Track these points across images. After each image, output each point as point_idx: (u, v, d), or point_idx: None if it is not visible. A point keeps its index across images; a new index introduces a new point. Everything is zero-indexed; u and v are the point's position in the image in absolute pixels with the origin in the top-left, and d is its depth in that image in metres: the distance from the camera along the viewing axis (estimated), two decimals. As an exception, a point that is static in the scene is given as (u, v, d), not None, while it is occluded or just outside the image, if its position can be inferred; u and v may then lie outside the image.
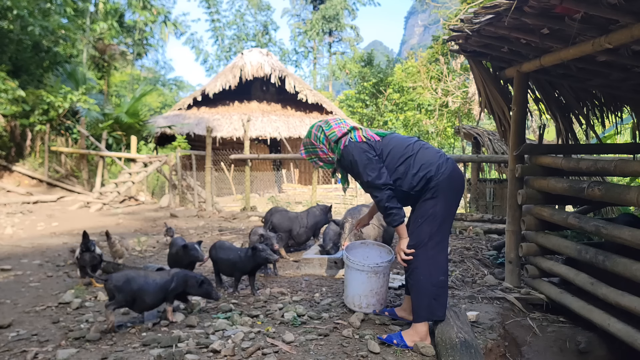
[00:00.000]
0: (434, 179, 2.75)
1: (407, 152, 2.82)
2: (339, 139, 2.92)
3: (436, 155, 2.82)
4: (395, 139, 2.91)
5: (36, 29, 12.80)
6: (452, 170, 2.79)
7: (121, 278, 2.97)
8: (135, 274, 3.05)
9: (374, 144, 2.86)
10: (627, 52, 3.15)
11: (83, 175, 13.30)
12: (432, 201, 2.77)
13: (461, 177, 2.88)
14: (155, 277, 3.09)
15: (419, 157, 2.81)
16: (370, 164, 2.78)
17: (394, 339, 2.76)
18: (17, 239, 6.46)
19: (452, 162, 2.83)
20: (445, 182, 2.75)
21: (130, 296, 2.94)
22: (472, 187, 9.95)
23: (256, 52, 19.30)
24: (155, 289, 3.02)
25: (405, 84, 23.87)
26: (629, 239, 2.70)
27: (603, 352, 3.15)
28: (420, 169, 2.77)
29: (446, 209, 2.79)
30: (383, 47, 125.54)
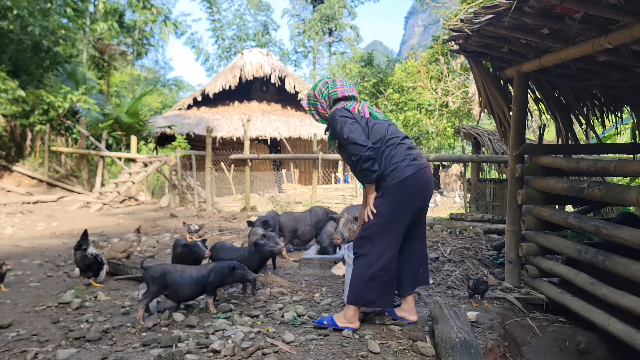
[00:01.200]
0: (385, 179, 2.88)
1: (382, 145, 2.93)
2: (339, 99, 3.08)
3: (402, 157, 2.90)
4: (382, 127, 2.99)
5: (36, 29, 12.80)
6: (410, 175, 2.86)
7: (158, 270, 3.18)
8: (172, 268, 3.25)
9: (359, 119, 2.97)
10: (627, 52, 3.15)
11: (83, 175, 13.30)
12: (380, 199, 2.90)
13: (424, 184, 2.93)
14: (191, 271, 3.26)
15: (388, 153, 2.92)
16: (353, 126, 2.90)
17: (324, 321, 2.95)
18: (17, 239, 6.47)
19: (417, 167, 2.89)
20: (396, 186, 2.86)
21: (163, 288, 3.15)
22: (472, 187, 9.95)
23: (256, 52, 19.31)
24: (190, 282, 3.19)
25: (405, 84, 23.86)
26: (629, 239, 2.70)
27: (603, 352, 3.15)
28: (382, 164, 2.90)
29: (393, 211, 2.87)
30: (383, 47, 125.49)
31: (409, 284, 3.09)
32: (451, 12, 15.26)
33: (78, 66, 16.90)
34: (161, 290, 3.17)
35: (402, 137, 3.01)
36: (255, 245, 3.80)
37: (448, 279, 4.28)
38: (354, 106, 3.03)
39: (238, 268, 3.32)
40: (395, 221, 2.89)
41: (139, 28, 25.93)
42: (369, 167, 2.86)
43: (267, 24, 44.63)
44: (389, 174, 2.88)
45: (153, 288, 3.14)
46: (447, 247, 5.46)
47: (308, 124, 18.00)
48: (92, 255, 3.95)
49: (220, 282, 3.31)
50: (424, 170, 2.93)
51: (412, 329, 2.99)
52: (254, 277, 3.46)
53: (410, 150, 2.96)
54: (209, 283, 3.25)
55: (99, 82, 18.67)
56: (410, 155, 2.93)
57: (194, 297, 3.31)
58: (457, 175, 18.87)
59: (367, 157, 2.84)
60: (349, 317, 2.91)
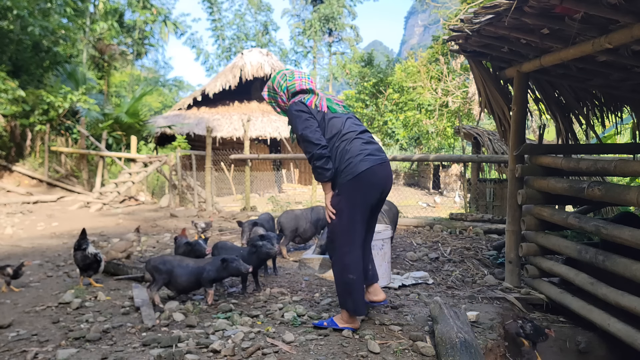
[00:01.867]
0: (340, 175, 2.84)
1: (337, 139, 2.89)
2: (297, 92, 3.04)
3: (357, 152, 2.84)
4: (339, 121, 2.94)
5: (36, 29, 12.80)
6: (365, 170, 2.80)
7: (158, 260, 3.44)
8: (172, 258, 3.50)
9: (316, 114, 2.93)
10: (627, 52, 3.15)
11: (83, 175, 13.30)
12: (338, 197, 2.87)
13: (379, 180, 2.87)
14: (189, 262, 3.49)
15: (343, 148, 2.87)
16: (308, 122, 2.87)
17: (324, 322, 2.97)
18: (17, 239, 6.47)
19: (372, 162, 2.83)
20: (351, 182, 2.81)
21: (166, 275, 3.38)
22: (472, 187, 9.95)
23: (256, 52, 19.30)
24: (187, 272, 3.41)
25: (405, 84, 23.87)
26: (629, 239, 2.70)
27: (603, 352, 3.15)
28: (337, 159, 2.87)
29: (352, 208, 2.84)
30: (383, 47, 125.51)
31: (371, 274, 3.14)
32: (451, 12, 15.26)
33: (78, 66, 16.89)
34: (164, 278, 3.39)
35: (359, 131, 2.95)
36: (253, 246, 3.82)
37: (448, 279, 4.29)
38: (312, 100, 2.97)
39: (230, 261, 3.41)
40: (355, 218, 2.86)
41: (139, 28, 25.93)
42: (321, 166, 2.82)
43: (267, 24, 44.63)
44: (344, 170, 2.83)
45: (157, 276, 3.40)
46: (447, 247, 5.46)
47: (308, 124, 17.98)
48: (92, 254, 3.96)
49: (215, 275, 3.43)
50: (380, 165, 2.86)
51: (412, 329, 2.99)
52: (247, 268, 3.44)
53: (367, 145, 2.89)
54: (205, 276, 3.41)
55: (99, 82, 18.67)
56: (365, 149, 2.86)
57: (190, 288, 3.50)
58: (457, 175, 18.86)
59: (319, 156, 2.81)
60: (346, 318, 2.92)
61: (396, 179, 22.96)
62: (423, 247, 5.54)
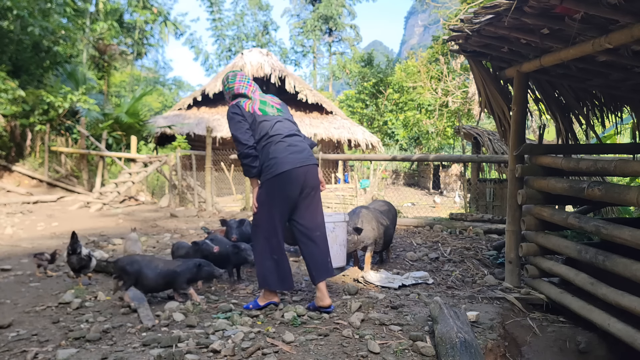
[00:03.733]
0: (264, 172, 3.24)
1: (264, 141, 3.25)
2: (236, 95, 3.42)
3: (280, 154, 3.19)
4: (268, 124, 3.27)
5: (36, 29, 12.78)
6: (284, 172, 3.16)
7: (126, 260, 3.47)
8: (140, 259, 3.48)
9: (248, 117, 3.28)
10: (627, 52, 3.15)
11: (83, 175, 13.29)
12: (261, 190, 3.28)
13: (297, 181, 3.19)
14: (159, 264, 3.49)
15: (268, 149, 3.23)
16: (239, 124, 3.26)
17: (250, 305, 3.34)
18: (17, 239, 6.46)
19: (292, 165, 3.17)
20: (272, 180, 3.20)
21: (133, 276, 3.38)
22: (472, 187, 9.95)
23: (256, 52, 19.30)
24: (155, 274, 3.41)
25: (405, 84, 23.87)
26: (629, 239, 2.70)
27: (603, 352, 3.15)
28: (262, 158, 3.25)
29: (271, 202, 3.23)
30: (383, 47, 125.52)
31: (318, 273, 3.30)
32: (451, 12, 15.26)
33: (78, 66, 16.89)
34: (132, 279, 3.41)
35: (285, 134, 3.27)
36: (195, 244, 4.00)
37: (448, 279, 4.29)
38: (246, 103, 3.32)
39: (205, 265, 3.53)
40: (274, 210, 3.23)
41: (139, 28, 25.93)
42: (248, 163, 3.25)
43: (267, 24, 44.63)
44: (267, 168, 3.22)
45: (124, 277, 3.42)
46: (447, 247, 5.46)
47: (307, 124, 18.00)
48: (86, 255, 3.99)
49: (188, 277, 3.50)
50: (298, 168, 3.19)
51: (412, 329, 2.99)
52: (220, 272, 3.62)
53: (290, 148, 3.23)
54: (177, 278, 3.46)
55: (99, 82, 18.66)
56: (287, 153, 3.20)
57: (159, 289, 3.53)
58: (457, 175, 18.87)
59: (246, 154, 3.23)
60: (267, 296, 3.33)
61: (396, 179, 22.98)
62: (423, 247, 5.54)
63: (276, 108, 3.39)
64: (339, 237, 3.85)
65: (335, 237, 3.85)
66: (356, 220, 4.33)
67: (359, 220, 4.31)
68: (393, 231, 4.78)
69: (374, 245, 4.36)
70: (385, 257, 4.92)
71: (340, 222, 3.86)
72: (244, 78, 3.46)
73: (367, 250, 4.35)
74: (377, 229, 4.39)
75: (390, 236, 4.69)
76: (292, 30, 46.03)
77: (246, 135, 3.23)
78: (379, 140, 19.23)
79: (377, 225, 4.41)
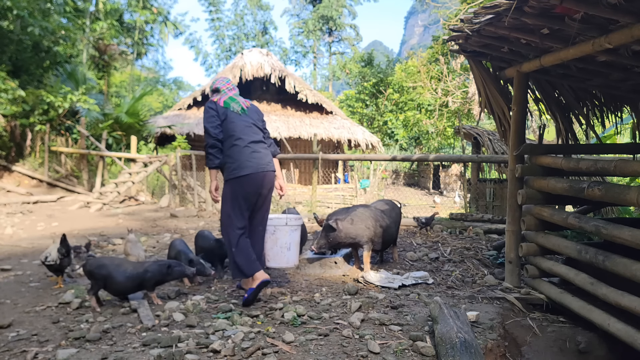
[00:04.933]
0: (228, 172, 3.58)
1: (232, 140, 3.59)
2: (213, 90, 3.81)
3: (243, 159, 3.57)
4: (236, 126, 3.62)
5: (36, 29, 12.78)
6: (244, 176, 3.55)
7: (94, 263, 3.43)
8: (108, 262, 3.45)
9: (220, 111, 3.64)
10: (627, 52, 3.15)
11: (83, 175, 13.29)
12: (226, 187, 3.62)
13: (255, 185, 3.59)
14: (128, 267, 3.45)
15: (234, 151, 3.58)
16: (212, 118, 3.60)
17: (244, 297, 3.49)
18: (17, 239, 6.46)
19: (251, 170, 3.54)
20: (233, 180, 3.56)
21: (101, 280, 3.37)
22: (472, 187, 9.95)
23: (256, 52, 19.29)
24: (124, 277, 3.39)
25: (405, 84, 23.88)
26: (629, 239, 2.70)
27: (603, 352, 3.15)
28: (229, 158, 3.58)
29: (233, 199, 3.58)
30: (383, 47, 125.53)
31: None
32: (451, 12, 15.26)
33: (78, 66, 16.88)
34: (100, 282, 3.39)
35: (251, 140, 3.64)
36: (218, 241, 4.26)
37: (448, 279, 4.29)
38: (216, 97, 3.72)
39: (175, 266, 3.55)
40: (235, 205, 3.58)
41: (139, 28, 25.92)
42: (213, 154, 3.58)
43: (267, 24, 44.63)
44: (231, 169, 3.57)
45: (93, 281, 3.41)
46: (447, 247, 5.46)
47: (308, 124, 18.00)
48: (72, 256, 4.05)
49: (158, 279, 3.50)
50: (257, 174, 3.58)
51: (412, 329, 2.99)
52: (192, 271, 3.64)
53: (254, 154, 3.61)
54: (147, 280, 3.44)
55: (99, 82, 18.66)
56: (249, 159, 3.58)
57: (129, 292, 3.51)
58: (457, 175, 18.87)
59: (213, 145, 3.58)
60: (248, 282, 3.58)
61: (396, 179, 22.98)
62: (423, 247, 5.54)
63: (242, 107, 3.73)
64: (280, 240, 3.96)
65: (276, 239, 3.97)
66: (343, 217, 4.28)
67: (348, 218, 4.26)
68: (395, 230, 4.74)
69: (370, 244, 4.32)
70: (390, 257, 4.92)
71: (281, 225, 3.97)
72: (225, 79, 3.86)
73: (364, 249, 4.32)
74: (373, 228, 4.31)
75: (392, 235, 4.67)
76: (292, 30, 46.03)
77: (216, 130, 3.58)
78: (379, 140, 19.23)
79: (372, 224, 4.32)
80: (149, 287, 3.48)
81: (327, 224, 4.23)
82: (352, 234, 4.23)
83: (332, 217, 4.30)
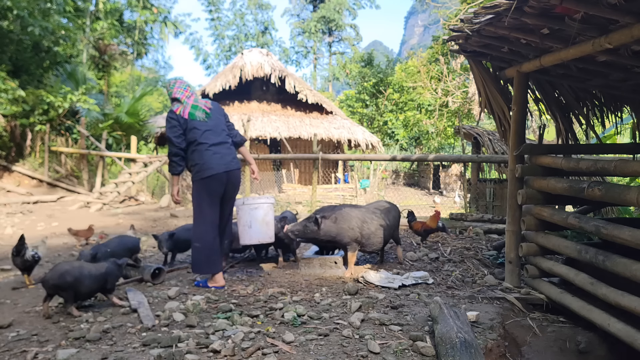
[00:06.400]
0: (193, 174, 3.89)
1: (194, 146, 3.87)
2: (172, 100, 3.98)
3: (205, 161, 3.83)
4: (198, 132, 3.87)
5: (36, 29, 12.77)
6: (207, 177, 3.83)
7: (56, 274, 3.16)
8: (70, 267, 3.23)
9: (181, 120, 3.87)
10: (627, 52, 3.15)
11: (83, 176, 13.30)
12: (193, 188, 3.95)
13: (218, 185, 3.87)
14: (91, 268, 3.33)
15: (196, 154, 3.86)
16: (173, 128, 3.86)
17: (200, 283, 3.96)
18: (17, 239, 6.45)
19: (214, 171, 3.82)
20: (198, 182, 3.87)
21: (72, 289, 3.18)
22: (472, 187, 9.96)
23: (256, 52, 19.29)
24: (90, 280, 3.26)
25: (406, 84, 23.88)
26: (629, 239, 2.70)
27: (603, 352, 3.15)
28: (192, 161, 3.88)
29: (199, 198, 3.89)
30: (383, 47, 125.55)
31: None
32: (451, 12, 15.26)
33: (78, 66, 16.86)
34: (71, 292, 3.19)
35: (211, 143, 3.87)
36: None
37: (448, 279, 4.28)
38: (178, 108, 3.90)
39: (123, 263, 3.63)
40: (203, 204, 3.88)
41: (139, 28, 25.91)
42: (176, 162, 3.89)
43: (267, 24, 44.62)
44: (196, 172, 3.87)
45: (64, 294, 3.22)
46: (447, 247, 5.46)
47: (308, 124, 17.99)
48: (31, 256, 3.99)
49: (117, 278, 3.53)
50: (219, 174, 3.85)
51: (412, 329, 2.99)
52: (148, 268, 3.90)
53: (215, 156, 3.87)
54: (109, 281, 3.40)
55: (99, 82, 18.65)
56: (211, 161, 3.84)
57: (92, 295, 3.43)
58: (457, 175, 18.87)
59: (175, 154, 3.87)
60: (212, 279, 3.93)
61: (396, 179, 22.98)
62: (423, 247, 5.54)
63: (206, 112, 3.96)
64: (242, 219, 4.31)
65: (239, 218, 4.34)
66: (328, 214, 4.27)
67: (332, 216, 4.25)
68: (392, 231, 4.72)
69: (354, 244, 4.29)
70: (390, 257, 4.92)
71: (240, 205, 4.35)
72: (182, 85, 4.02)
73: (348, 249, 4.31)
74: (359, 228, 4.27)
75: (391, 234, 4.65)
76: (292, 30, 46.03)
77: (179, 139, 3.85)
78: (379, 140, 19.22)
79: (358, 225, 4.28)
80: (112, 287, 3.43)
81: (311, 217, 4.27)
82: (332, 233, 4.23)
83: (319, 213, 4.32)
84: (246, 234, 4.30)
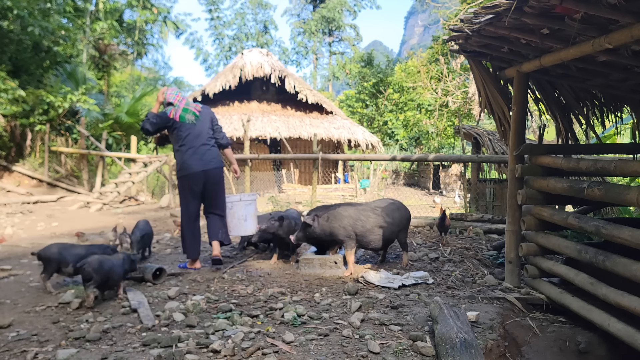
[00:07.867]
0: (178, 170, 4.51)
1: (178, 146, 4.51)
2: (167, 104, 4.60)
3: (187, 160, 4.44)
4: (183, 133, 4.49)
5: (36, 29, 12.77)
6: (188, 174, 4.44)
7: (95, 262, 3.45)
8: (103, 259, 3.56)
9: (169, 122, 4.51)
10: (627, 52, 3.15)
11: (83, 175, 13.30)
12: (179, 185, 4.57)
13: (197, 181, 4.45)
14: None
15: (181, 153, 4.48)
16: (158, 119, 4.50)
17: (181, 265, 4.62)
18: (17, 239, 6.46)
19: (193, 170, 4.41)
20: (181, 178, 4.49)
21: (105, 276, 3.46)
22: (472, 187, 9.95)
23: (256, 52, 19.28)
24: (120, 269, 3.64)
25: (405, 84, 23.88)
26: (629, 239, 2.70)
27: (603, 352, 3.15)
28: (176, 159, 4.53)
29: (183, 192, 4.54)
30: (383, 47, 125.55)
31: (212, 236, 4.62)
32: (451, 12, 15.26)
33: (78, 66, 16.87)
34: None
35: (191, 145, 4.46)
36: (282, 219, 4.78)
37: (448, 279, 4.29)
38: (171, 112, 4.51)
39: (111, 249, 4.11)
40: (187, 198, 4.53)
41: (139, 28, 25.91)
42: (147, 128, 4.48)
43: (267, 24, 44.60)
44: (177, 169, 4.51)
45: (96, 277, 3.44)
46: (447, 247, 5.46)
47: (308, 124, 17.99)
48: None
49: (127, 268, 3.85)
50: (198, 172, 4.43)
51: (412, 329, 2.99)
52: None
53: (195, 155, 4.44)
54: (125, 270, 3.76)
55: (99, 82, 18.65)
56: (190, 160, 4.43)
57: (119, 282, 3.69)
58: (457, 175, 18.87)
59: (143, 126, 4.50)
60: (190, 263, 4.56)
61: (396, 179, 22.97)
62: (423, 247, 5.54)
63: (195, 115, 4.55)
64: (237, 213, 4.77)
65: (234, 213, 4.78)
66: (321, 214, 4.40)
67: (325, 215, 4.38)
68: (397, 230, 4.68)
69: (350, 242, 4.38)
70: (391, 257, 4.92)
71: (236, 201, 4.79)
72: (174, 91, 4.66)
73: (345, 247, 4.44)
74: (352, 226, 4.34)
75: (388, 236, 4.64)
76: (292, 30, 46.00)
77: (153, 127, 4.48)
78: (379, 140, 19.21)
79: (350, 223, 4.34)
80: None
81: (304, 220, 4.43)
82: (327, 231, 4.38)
83: (312, 213, 4.48)
84: (242, 226, 4.83)
